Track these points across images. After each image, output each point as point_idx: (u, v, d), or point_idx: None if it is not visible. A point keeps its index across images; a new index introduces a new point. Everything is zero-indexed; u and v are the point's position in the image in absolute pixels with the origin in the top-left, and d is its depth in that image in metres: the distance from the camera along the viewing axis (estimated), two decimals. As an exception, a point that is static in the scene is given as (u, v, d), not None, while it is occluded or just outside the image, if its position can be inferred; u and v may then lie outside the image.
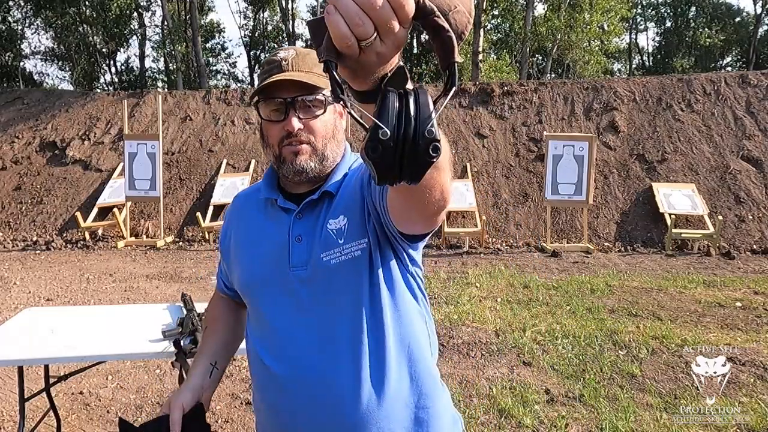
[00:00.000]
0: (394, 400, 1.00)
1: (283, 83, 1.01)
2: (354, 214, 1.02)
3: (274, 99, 1.03)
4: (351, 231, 1.01)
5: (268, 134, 1.06)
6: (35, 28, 25.51)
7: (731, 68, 29.16)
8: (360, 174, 1.05)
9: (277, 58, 1.05)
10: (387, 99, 0.55)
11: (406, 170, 0.56)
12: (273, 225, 1.09)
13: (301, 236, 1.05)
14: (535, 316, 4.79)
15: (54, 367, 3.19)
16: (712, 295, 5.57)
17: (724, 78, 11.28)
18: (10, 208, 10.23)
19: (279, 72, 1.03)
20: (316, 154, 1.05)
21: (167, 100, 12.23)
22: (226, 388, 3.38)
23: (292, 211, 1.07)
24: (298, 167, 1.04)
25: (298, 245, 1.04)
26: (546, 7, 20.35)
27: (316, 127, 1.05)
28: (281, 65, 1.04)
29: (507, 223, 9.38)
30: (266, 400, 1.08)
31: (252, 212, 1.16)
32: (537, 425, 2.86)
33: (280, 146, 1.05)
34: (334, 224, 1.03)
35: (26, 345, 2.12)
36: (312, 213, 1.06)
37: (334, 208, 1.05)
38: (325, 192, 1.06)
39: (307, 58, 1.06)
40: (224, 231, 1.23)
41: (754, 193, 9.15)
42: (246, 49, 27.95)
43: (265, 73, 1.05)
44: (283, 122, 1.03)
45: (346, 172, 1.10)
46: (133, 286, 6.22)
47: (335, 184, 1.07)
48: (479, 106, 11.52)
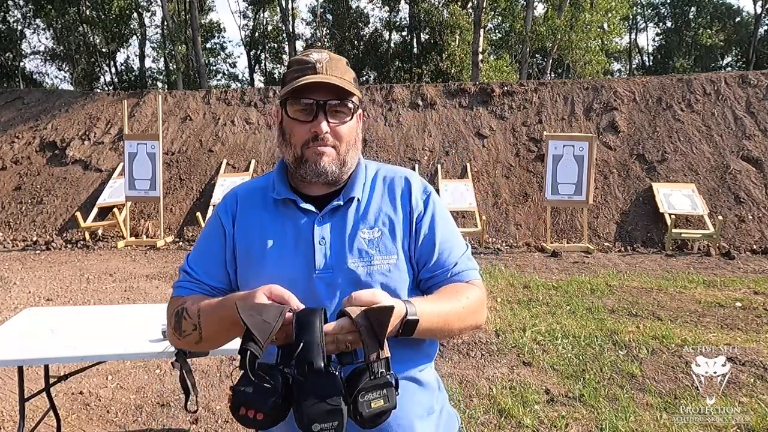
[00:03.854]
0: (402, 395, 1.03)
1: (315, 85, 1.02)
2: (390, 231, 1.07)
3: (305, 99, 1.04)
4: (383, 244, 1.05)
5: (293, 133, 1.07)
6: (35, 28, 25.53)
7: (731, 68, 29.16)
8: (419, 214, 1.10)
9: (311, 59, 1.05)
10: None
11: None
12: (292, 226, 1.08)
13: (324, 239, 1.05)
14: (535, 316, 4.79)
15: (54, 367, 3.19)
16: (712, 295, 5.57)
17: (724, 78, 11.28)
18: (10, 208, 10.23)
19: (313, 73, 1.03)
20: (338, 159, 1.07)
21: (167, 100, 12.23)
22: (226, 388, 3.38)
23: (313, 213, 1.08)
24: (320, 169, 1.05)
25: (322, 248, 1.05)
26: (546, 6, 20.35)
27: (343, 132, 1.07)
28: (315, 67, 1.04)
29: (507, 223, 9.39)
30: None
31: (259, 210, 1.12)
32: (537, 425, 2.86)
33: (303, 147, 1.06)
34: (368, 234, 1.06)
35: (26, 345, 2.12)
36: (333, 217, 1.08)
37: (366, 216, 1.08)
38: (351, 197, 1.09)
39: (340, 63, 1.07)
40: (222, 228, 1.13)
41: (754, 193, 9.15)
42: (246, 49, 27.95)
43: (297, 72, 1.05)
44: (312, 123, 1.04)
45: (373, 178, 1.14)
46: (133, 286, 6.22)
47: (359, 189, 1.10)
48: (479, 106, 11.52)
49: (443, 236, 1.11)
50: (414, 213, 1.10)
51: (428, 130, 11.09)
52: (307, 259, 1.04)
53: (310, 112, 1.04)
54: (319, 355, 0.83)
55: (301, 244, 1.06)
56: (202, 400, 3.19)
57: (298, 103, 1.05)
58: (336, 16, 25.78)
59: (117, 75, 27.23)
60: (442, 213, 1.14)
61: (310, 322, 0.86)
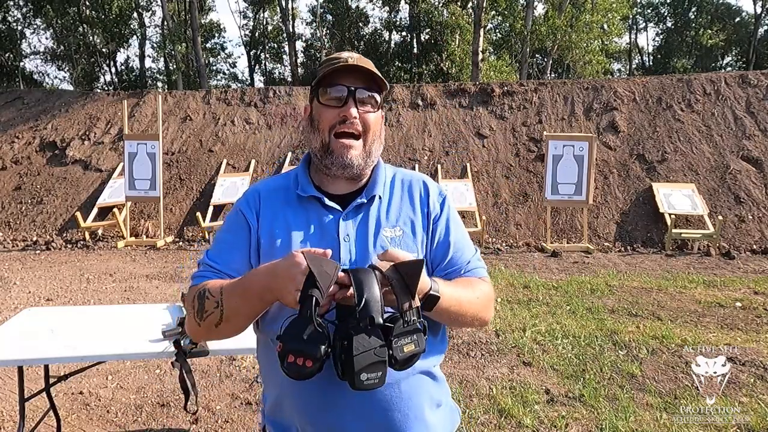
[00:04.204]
0: (418, 386, 1.12)
1: (347, 73, 1.10)
2: (411, 231, 1.15)
3: (337, 86, 1.11)
4: (405, 242, 1.13)
5: (321, 118, 1.13)
6: (35, 28, 25.53)
7: (731, 68, 29.17)
8: (436, 216, 1.18)
9: (342, 56, 1.13)
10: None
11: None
12: (317, 223, 1.13)
13: (349, 236, 1.12)
14: (535, 316, 4.79)
15: (54, 367, 3.19)
16: (712, 295, 5.57)
17: (724, 78, 11.28)
18: (10, 208, 10.23)
19: (345, 63, 1.11)
20: (364, 151, 1.14)
21: (167, 100, 12.23)
22: (226, 388, 3.38)
23: (337, 210, 1.13)
24: (346, 161, 1.12)
25: (347, 245, 1.11)
26: (546, 6, 20.35)
27: (370, 120, 1.14)
28: (347, 61, 1.11)
29: (507, 223, 9.39)
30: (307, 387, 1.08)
31: (282, 206, 1.17)
32: (537, 425, 2.86)
33: (331, 132, 1.12)
34: (390, 233, 1.13)
35: (26, 345, 2.12)
36: (357, 215, 1.14)
37: (388, 215, 1.15)
38: (372, 196, 1.15)
39: (367, 61, 1.15)
40: (246, 222, 1.17)
41: (754, 193, 9.15)
42: (246, 49, 27.95)
43: (329, 66, 1.12)
44: (341, 108, 1.11)
45: (392, 179, 1.21)
46: (133, 286, 6.22)
47: (380, 188, 1.17)
48: (479, 106, 11.52)
49: (456, 237, 1.19)
50: (431, 215, 1.18)
51: (428, 130, 11.09)
52: (332, 255, 1.07)
53: (340, 98, 1.11)
54: (379, 312, 0.90)
55: (326, 240, 1.11)
56: (202, 400, 3.19)
57: (330, 90, 1.12)
58: (336, 16, 25.78)
59: (117, 75, 27.23)
60: (455, 216, 1.23)
61: (369, 281, 0.92)
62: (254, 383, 3.45)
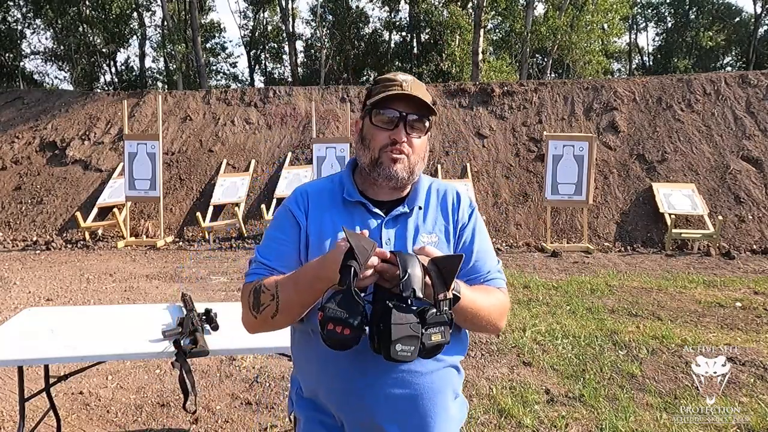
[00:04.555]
0: (446, 378, 1.25)
1: (401, 98, 1.19)
2: (445, 237, 1.26)
3: (390, 110, 1.20)
4: (440, 248, 1.22)
5: (373, 138, 1.22)
6: (35, 28, 25.51)
7: (731, 68, 29.16)
8: (463, 224, 1.29)
9: (398, 79, 1.21)
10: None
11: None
12: (362, 226, 1.23)
13: (390, 240, 1.23)
14: (535, 316, 4.79)
15: (54, 367, 3.19)
16: (712, 295, 5.57)
17: (724, 78, 11.28)
18: (10, 208, 10.23)
19: (400, 89, 1.19)
20: (409, 167, 1.23)
21: (167, 100, 12.24)
22: (226, 388, 3.38)
23: (380, 216, 1.24)
24: (392, 173, 1.21)
25: (387, 247, 1.21)
26: (547, 6, 20.35)
27: (417, 144, 1.23)
28: (402, 85, 1.20)
29: (507, 223, 9.38)
30: (339, 374, 1.18)
31: (330, 207, 1.26)
32: (537, 425, 2.86)
33: (381, 152, 1.21)
34: (427, 238, 1.24)
35: (26, 345, 2.12)
36: (397, 222, 1.25)
37: (425, 223, 1.26)
38: (413, 206, 1.27)
39: (422, 87, 1.23)
40: (296, 221, 1.25)
41: (754, 193, 9.15)
42: (246, 49, 27.94)
43: (385, 88, 1.20)
44: (392, 131, 1.20)
45: (428, 189, 1.31)
46: (133, 286, 6.22)
47: (421, 199, 1.28)
48: (479, 106, 11.53)
49: (480, 247, 1.30)
50: (460, 222, 1.29)
51: (428, 130, 11.08)
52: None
53: (391, 121, 1.20)
54: (421, 288, 0.97)
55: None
56: (202, 400, 3.19)
57: (383, 113, 1.21)
58: (336, 16, 25.76)
59: (117, 75, 27.22)
60: (482, 227, 1.34)
61: (413, 261, 0.99)
62: (254, 383, 3.45)
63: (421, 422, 1.18)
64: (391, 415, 1.17)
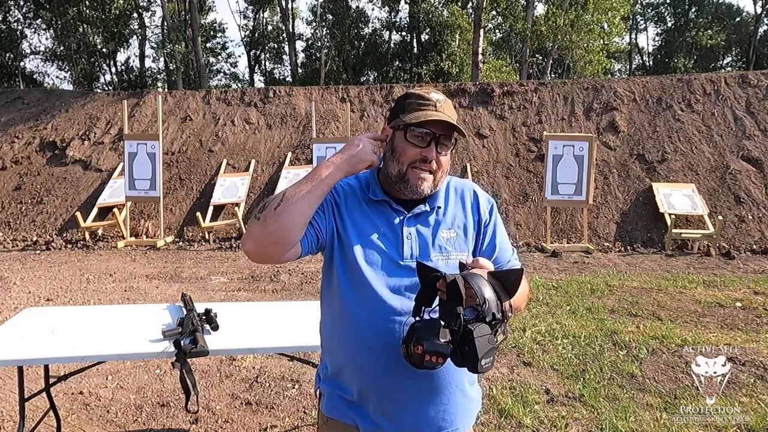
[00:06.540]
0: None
1: (435, 120, 1.26)
2: (463, 233, 1.35)
3: (425, 130, 1.26)
4: (459, 243, 1.33)
5: (403, 153, 1.29)
6: (35, 28, 25.51)
7: (731, 68, 29.16)
8: (486, 222, 1.39)
9: (432, 98, 1.28)
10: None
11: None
12: (384, 222, 1.33)
13: (411, 235, 1.31)
14: (535, 316, 4.79)
15: (54, 367, 3.19)
16: (712, 295, 5.57)
17: (724, 78, 11.28)
18: (10, 208, 10.23)
19: (434, 110, 1.26)
20: (433, 183, 1.31)
21: (167, 100, 12.23)
22: (226, 388, 3.38)
23: (403, 212, 1.33)
24: (418, 190, 1.29)
25: (409, 242, 1.30)
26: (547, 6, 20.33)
27: (443, 161, 1.31)
28: (436, 105, 1.27)
29: (507, 223, 9.38)
30: (360, 357, 1.28)
31: (358, 202, 1.36)
32: (537, 425, 2.86)
33: (409, 166, 1.28)
34: (447, 234, 1.33)
35: (26, 345, 2.12)
36: (418, 219, 1.33)
37: (445, 219, 1.35)
38: (434, 206, 1.35)
39: (450, 105, 1.32)
40: (334, 198, 1.35)
41: (754, 193, 9.15)
42: (246, 49, 27.94)
43: (419, 107, 1.27)
44: (424, 149, 1.27)
45: (447, 187, 1.39)
46: (133, 286, 6.22)
47: (441, 199, 1.37)
48: (479, 106, 11.53)
49: (501, 239, 1.41)
50: (482, 221, 1.39)
51: (428, 130, 11.08)
52: (396, 249, 1.30)
53: (424, 140, 1.27)
54: (498, 309, 1.06)
55: (392, 237, 1.31)
56: (202, 400, 3.19)
57: (417, 131, 1.27)
58: (336, 16, 25.75)
59: (117, 75, 27.21)
60: (500, 221, 1.45)
61: (483, 282, 1.07)
62: (254, 383, 3.45)
63: (440, 399, 1.28)
64: (412, 394, 1.26)
